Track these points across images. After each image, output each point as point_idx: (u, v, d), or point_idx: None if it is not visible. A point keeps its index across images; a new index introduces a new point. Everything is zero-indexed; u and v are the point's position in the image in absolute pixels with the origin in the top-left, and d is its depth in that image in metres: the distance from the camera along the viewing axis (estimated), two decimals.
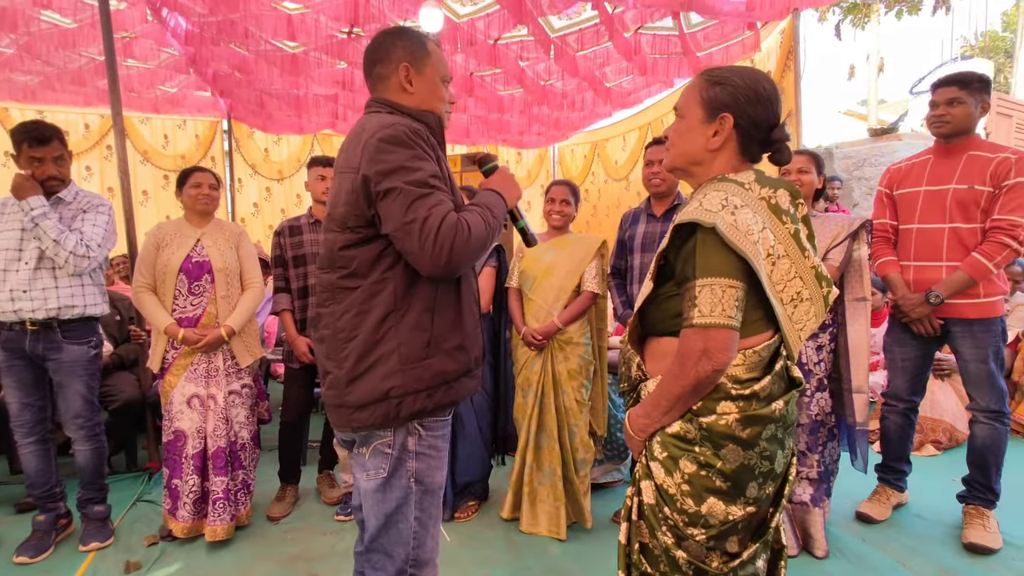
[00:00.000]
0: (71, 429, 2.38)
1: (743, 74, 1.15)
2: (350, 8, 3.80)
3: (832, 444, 2.40)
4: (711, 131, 1.15)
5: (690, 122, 1.17)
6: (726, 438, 1.09)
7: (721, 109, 1.13)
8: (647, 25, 4.32)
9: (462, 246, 1.18)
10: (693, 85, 1.19)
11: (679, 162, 1.22)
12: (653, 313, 1.20)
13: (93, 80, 4.95)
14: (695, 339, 1.05)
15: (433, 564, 1.37)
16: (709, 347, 1.04)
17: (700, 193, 1.14)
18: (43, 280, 2.24)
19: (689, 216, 1.07)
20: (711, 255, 1.05)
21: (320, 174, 2.82)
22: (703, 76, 1.18)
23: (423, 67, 1.36)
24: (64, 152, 2.31)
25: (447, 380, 1.29)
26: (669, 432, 1.14)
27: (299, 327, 2.79)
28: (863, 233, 2.32)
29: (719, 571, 1.11)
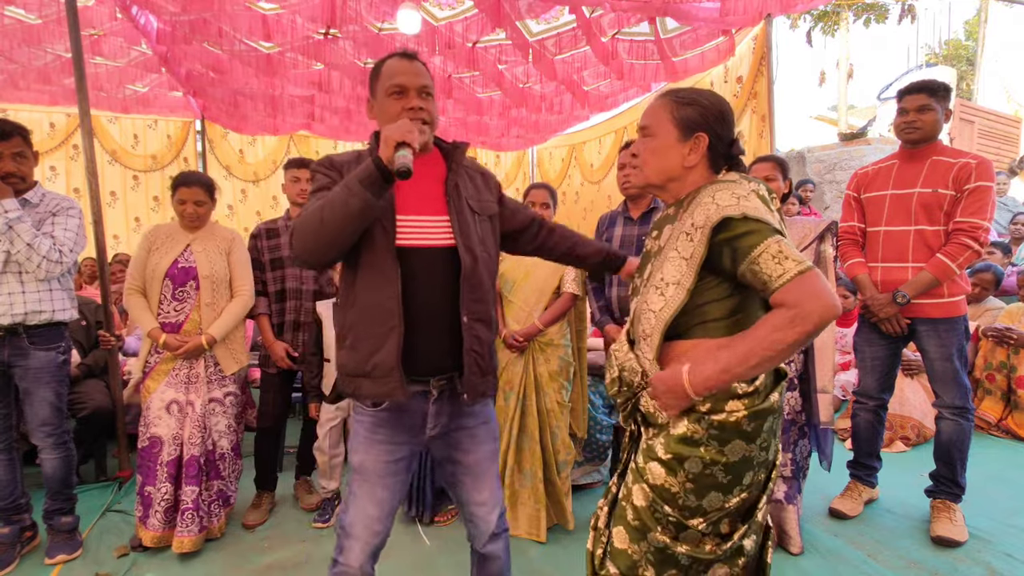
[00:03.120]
0: (38, 437, 2.30)
1: (707, 95, 1.25)
2: (327, 9, 3.76)
3: (803, 442, 2.46)
4: (687, 149, 1.23)
5: (664, 140, 1.24)
6: (735, 434, 1.13)
7: (696, 128, 1.22)
8: (624, 30, 4.37)
9: (296, 236, 1.32)
10: (662, 105, 1.25)
11: (656, 179, 1.27)
12: (678, 319, 1.18)
13: (59, 78, 4.81)
14: (807, 283, 1.02)
15: (355, 537, 1.42)
16: (820, 288, 1.02)
17: (706, 197, 1.15)
18: (9, 285, 2.16)
19: (720, 214, 1.09)
20: (756, 231, 1.08)
21: (295, 176, 2.78)
22: (671, 97, 1.25)
23: (375, 91, 1.45)
24: (26, 150, 2.23)
25: (345, 373, 1.43)
26: (675, 434, 1.16)
27: (276, 331, 2.75)
28: (829, 236, 2.38)
29: (712, 554, 1.16)
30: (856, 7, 10.35)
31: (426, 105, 1.42)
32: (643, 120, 1.27)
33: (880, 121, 9.80)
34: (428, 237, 1.41)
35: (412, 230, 1.40)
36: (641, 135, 1.28)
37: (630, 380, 1.24)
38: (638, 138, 1.30)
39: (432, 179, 1.46)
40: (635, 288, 1.34)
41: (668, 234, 1.24)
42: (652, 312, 1.19)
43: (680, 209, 1.24)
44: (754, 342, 1.05)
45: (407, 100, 1.40)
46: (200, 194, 2.47)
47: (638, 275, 1.34)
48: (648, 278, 1.25)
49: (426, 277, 1.39)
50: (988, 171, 2.32)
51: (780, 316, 1.04)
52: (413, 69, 1.42)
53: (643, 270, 1.31)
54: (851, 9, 10.32)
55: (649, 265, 1.28)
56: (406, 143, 1.23)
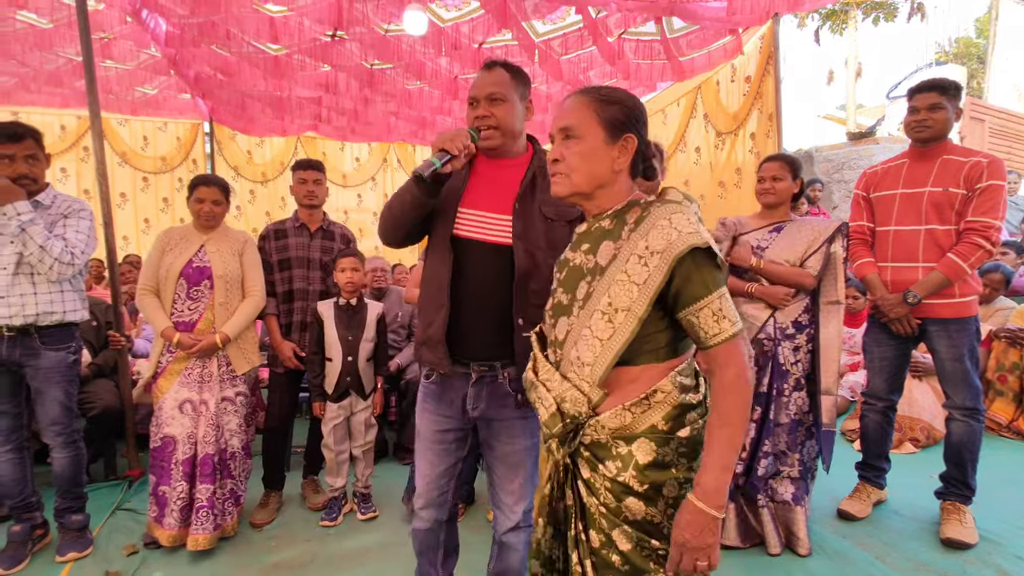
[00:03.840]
0: (49, 436, 2.32)
1: (626, 93, 1.17)
2: (334, 11, 3.78)
3: (811, 443, 2.44)
4: (615, 152, 1.15)
5: (592, 143, 1.14)
6: (699, 445, 1.12)
7: (624, 130, 1.15)
8: (630, 30, 4.36)
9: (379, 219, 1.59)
10: (584, 104, 1.15)
11: (586, 186, 1.15)
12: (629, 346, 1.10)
13: (70, 81, 4.86)
14: (738, 347, 1.05)
15: (419, 493, 1.64)
16: (744, 353, 1.06)
17: (660, 219, 1.07)
18: (21, 286, 2.19)
19: (686, 242, 1.04)
20: (713, 269, 1.06)
21: (302, 177, 2.80)
22: (591, 95, 1.16)
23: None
24: (38, 152, 2.26)
25: (417, 341, 1.61)
26: (644, 462, 1.08)
27: (284, 331, 2.76)
28: (840, 236, 2.36)
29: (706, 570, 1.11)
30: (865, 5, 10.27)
31: (494, 111, 1.50)
32: (565, 120, 1.15)
33: (889, 120, 9.72)
34: (486, 232, 1.51)
35: (471, 223, 1.53)
36: (562, 137, 1.16)
37: (575, 412, 1.12)
38: (557, 141, 1.17)
39: (511, 179, 1.54)
40: (560, 305, 1.19)
41: (611, 252, 1.12)
42: (599, 340, 1.09)
43: (622, 225, 1.13)
44: (728, 422, 1.05)
45: (475, 110, 1.53)
46: (217, 194, 2.50)
47: (563, 290, 1.19)
48: (586, 299, 1.13)
49: (477, 269, 1.50)
50: (1000, 170, 2.30)
51: (734, 382, 1.05)
52: (484, 80, 1.53)
53: (573, 287, 1.17)
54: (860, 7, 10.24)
55: (584, 284, 1.14)
56: (444, 149, 1.41)
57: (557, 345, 1.17)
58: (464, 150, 1.43)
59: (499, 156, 1.57)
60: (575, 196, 1.18)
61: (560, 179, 1.16)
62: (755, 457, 2.36)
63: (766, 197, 2.45)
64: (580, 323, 1.12)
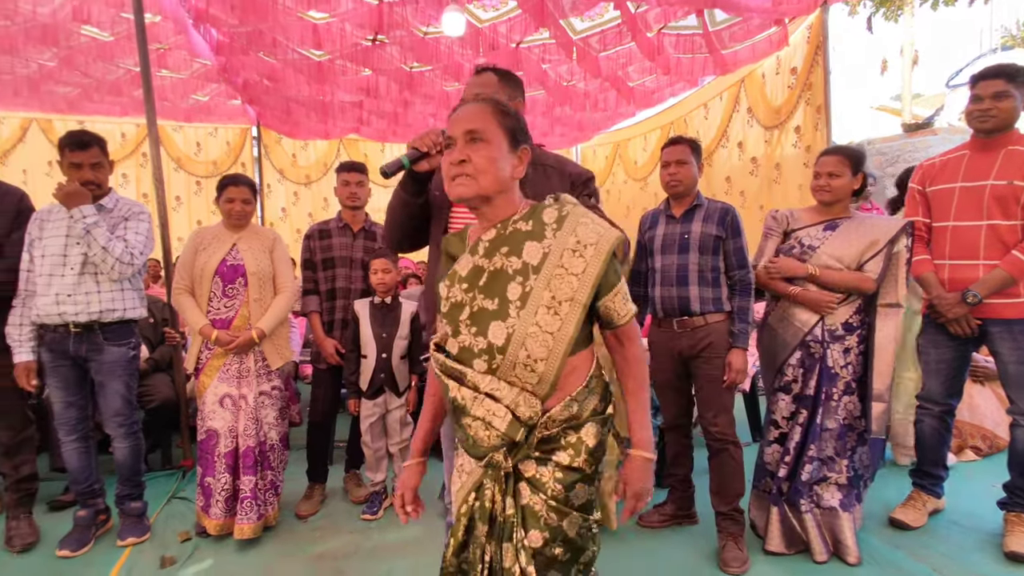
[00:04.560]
0: (111, 427, 2.47)
1: (517, 111, 1.25)
2: (374, 16, 3.86)
3: (863, 449, 2.35)
4: (515, 160, 1.21)
5: (500, 149, 1.17)
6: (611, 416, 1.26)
7: (521, 141, 1.22)
8: (670, 24, 4.28)
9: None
10: (488, 111, 1.19)
11: (491, 189, 1.16)
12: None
13: (129, 90, 5.13)
14: (636, 324, 1.26)
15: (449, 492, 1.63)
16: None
17: (581, 217, 1.17)
18: (86, 285, 2.33)
19: (615, 234, 1.16)
20: (617, 261, 1.21)
21: (345, 179, 2.86)
22: (492, 105, 1.21)
23: None
24: (103, 160, 2.40)
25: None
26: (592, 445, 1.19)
27: (327, 329, 2.85)
28: (903, 236, 2.25)
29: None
30: None
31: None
32: (470, 123, 1.17)
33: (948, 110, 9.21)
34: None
35: (463, 220, 1.57)
36: (468, 139, 1.16)
37: (531, 414, 1.13)
38: (460, 143, 1.17)
39: None
40: (484, 312, 1.15)
41: (540, 251, 1.14)
42: (549, 334, 1.12)
43: (541, 226, 1.16)
44: (647, 390, 1.29)
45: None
46: (247, 193, 2.58)
47: (484, 296, 1.16)
48: (525, 298, 1.12)
49: None
50: None
51: (642, 352, 1.28)
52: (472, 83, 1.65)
53: (499, 290, 1.15)
54: None
55: (516, 285, 1.13)
56: (415, 147, 1.49)
57: (495, 351, 1.13)
58: (435, 147, 1.48)
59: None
60: (477, 199, 1.18)
61: (466, 180, 1.16)
62: (799, 462, 2.29)
63: (821, 195, 2.34)
64: (524, 322, 1.12)
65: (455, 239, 1.30)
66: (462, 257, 1.22)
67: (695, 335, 2.32)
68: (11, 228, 2.37)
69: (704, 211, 2.37)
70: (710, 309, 2.31)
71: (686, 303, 2.32)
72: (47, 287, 2.29)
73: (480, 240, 1.21)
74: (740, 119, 5.45)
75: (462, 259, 1.22)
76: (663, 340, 2.42)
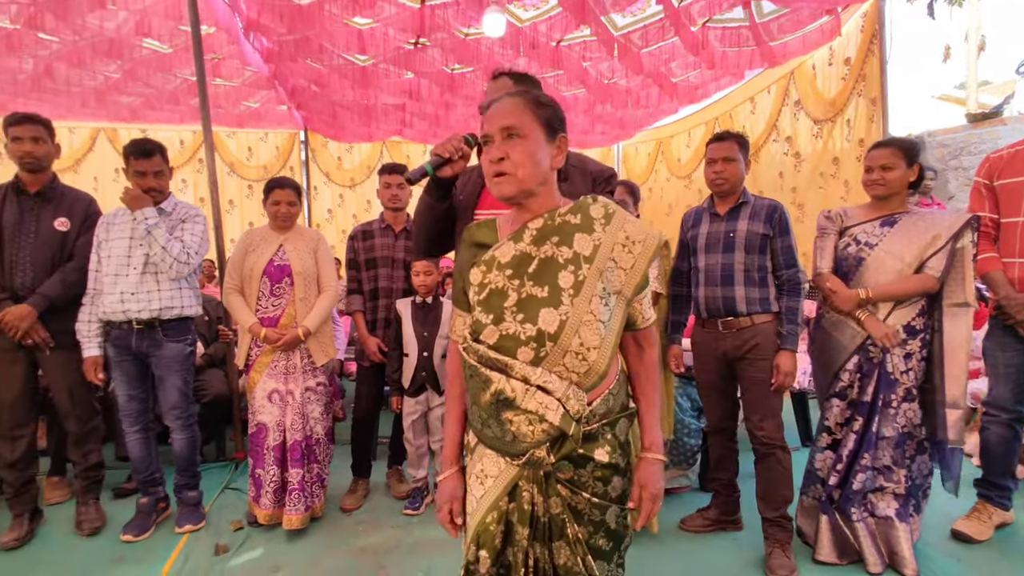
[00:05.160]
0: (169, 419, 2.60)
1: (551, 98, 1.24)
2: (416, 19, 3.92)
3: (922, 457, 2.23)
4: (554, 150, 1.20)
5: (536, 142, 1.16)
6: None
7: (558, 129, 1.21)
8: (715, 17, 4.17)
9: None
10: (522, 104, 1.18)
11: (532, 183, 1.16)
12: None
13: (187, 99, 5.38)
14: (656, 329, 1.30)
15: None
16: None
17: (626, 216, 1.20)
18: (148, 284, 2.47)
19: (660, 236, 1.20)
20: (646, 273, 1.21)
21: (387, 181, 2.92)
22: (526, 97, 1.20)
23: None
24: (164, 168, 2.55)
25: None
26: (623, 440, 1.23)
27: (370, 327, 2.91)
28: (969, 231, 2.13)
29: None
30: None
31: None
32: (506, 120, 1.16)
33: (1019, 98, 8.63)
34: None
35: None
36: (504, 136, 1.16)
37: (579, 408, 1.13)
38: (499, 140, 1.16)
39: None
40: (534, 299, 1.14)
41: (591, 243, 1.15)
42: (601, 323, 1.12)
43: (590, 220, 1.18)
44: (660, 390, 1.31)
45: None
46: (292, 195, 2.67)
47: (534, 283, 1.15)
48: (578, 287, 1.12)
49: None
50: None
51: (658, 357, 1.31)
52: (489, 89, 1.68)
53: (550, 278, 1.14)
54: None
55: (568, 273, 1.13)
56: (438, 154, 1.51)
57: (546, 339, 1.12)
58: (457, 152, 1.51)
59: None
60: (521, 194, 1.18)
61: (507, 179, 1.16)
62: (851, 470, 2.19)
63: (874, 189, 2.24)
64: (578, 310, 1.12)
65: (483, 228, 1.28)
66: (502, 244, 1.20)
67: (741, 336, 2.26)
68: (80, 231, 2.53)
69: (750, 208, 2.30)
70: (757, 310, 2.25)
71: (731, 303, 2.26)
72: (112, 286, 2.44)
73: (526, 227, 1.19)
74: (789, 112, 5.27)
75: (502, 246, 1.20)
76: (707, 341, 2.36)
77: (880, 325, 2.15)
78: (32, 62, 4.51)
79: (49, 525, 2.67)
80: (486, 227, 1.28)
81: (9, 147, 2.43)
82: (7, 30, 3.98)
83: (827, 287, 2.28)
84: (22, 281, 2.41)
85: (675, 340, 2.51)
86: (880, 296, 2.17)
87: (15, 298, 2.39)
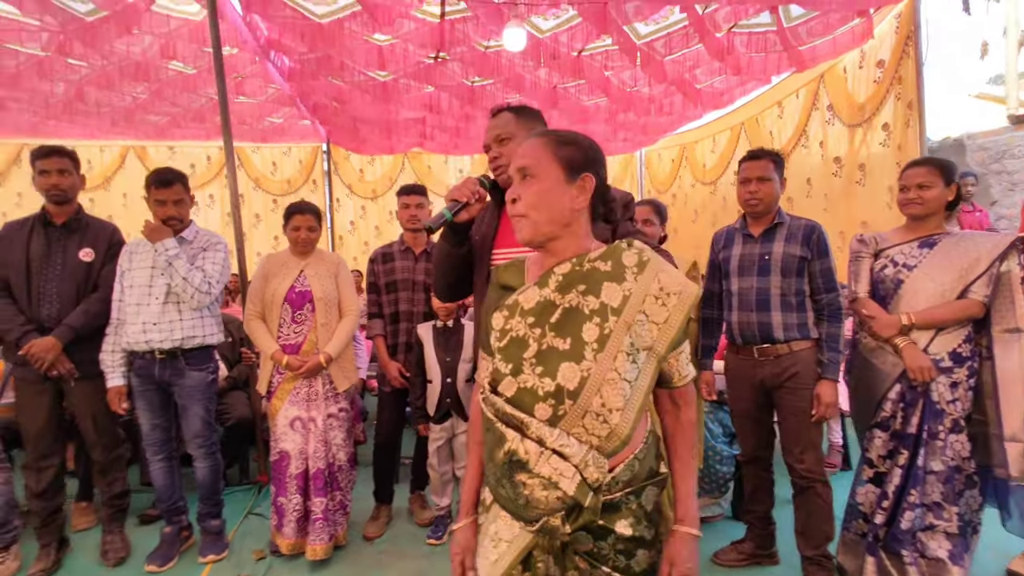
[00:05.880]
0: (192, 448, 2.60)
1: (582, 136, 1.18)
2: (436, 34, 3.89)
3: (971, 492, 2.09)
4: (574, 191, 1.12)
5: (550, 183, 1.11)
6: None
7: (582, 169, 1.13)
8: (741, 23, 4.05)
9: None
10: (540, 145, 1.14)
11: (547, 226, 1.12)
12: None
13: (212, 117, 5.45)
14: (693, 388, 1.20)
15: None
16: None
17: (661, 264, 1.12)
18: (170, 313, 2.47)
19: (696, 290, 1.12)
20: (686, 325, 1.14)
21: (405, 202, 2.88)
22: (548, 137, 1.15)
23: None
24: (185, 196, 2.54)
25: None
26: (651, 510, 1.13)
27: (391, 352, 2.87)
28: (1015, 253, 1.99)
29: None
30: None
31: (502, 150, 1.57)
32: (520, 161, 1.13)
33: None
34: None
35: (505, 259, 1.51)
36: (520, 177, 1.13)
37: (599, 475, 1.04)
38: (516, 182, 1.14)
39: None
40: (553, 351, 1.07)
41: (620, 293, 1.07)
42: (627, 382, 1.04)
43: (621, 268, 1.10)
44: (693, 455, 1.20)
45: (488, 155, 1.61)
46: (312, 220, 2.65)
47: (555, 334, 1.08)
48: (603, 341, 1.04)
49: None
50: None
51: (695, 418, 1.20)
52: (491, 125, 1.62)
53: (572, 330, 1.06)
54: None
55: (593, 326, 1.05)
56: (455, 199, 1.48)
57: (565, 396, 1.04)
58: (473, 195, 1.48)
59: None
60: (539, 237, 1.13)
61: (523, 222, 1.12)
62: (899, 507, 2.06)
63: (911, 208, 2.12)
64: (601, 366, 1.04)
65: (511, 269, 1.23)
66: (527, 288, 1.14)
67: (779, 364, 2.15)
68: (104, 261, 2.55)
69: (786, 229, 2.20)
70: (795, 336, 2.14)
71: (768, 330, 2.16)
72: (135, 316, 2.44)
73: (552, 272, 1.13)
74: (819, 117, 5.10)
75: (527, 291, 1.14)
76: (742, 368, 2.26)
77: (918, 356, 2.03)
78: (63, 86, 4.62)
79: (76, 553, 2.69)
80: (514, 268, 1.23)
81: (36, 180, 2.45)
82: (38, 57, 4.08)
83: (865, 313, 2.15)
84: (48, 313, 2.43)
85: (706, 365, 2.41)
86: (923, 322, 2.04)
87: (41, 329, 2.41)
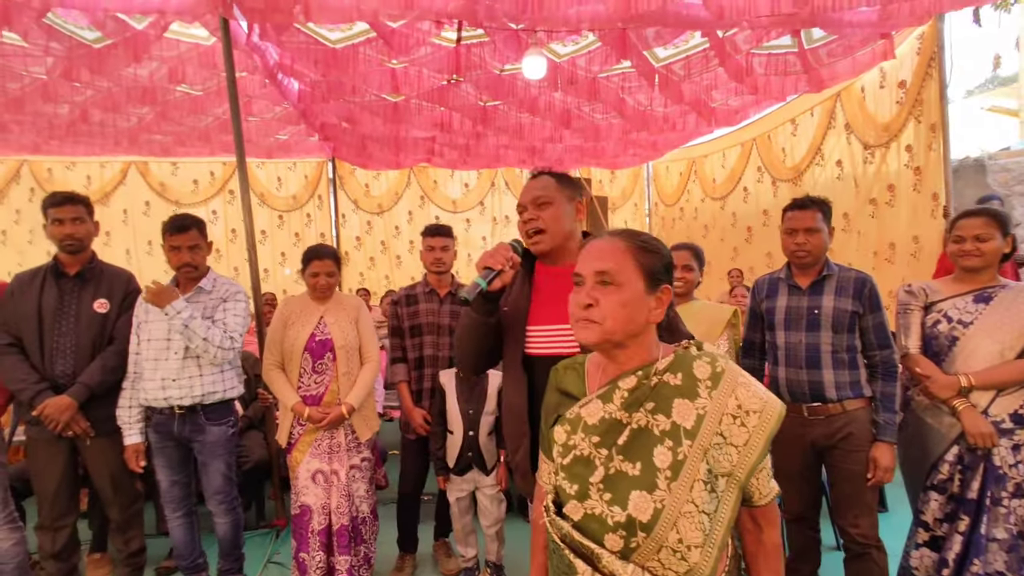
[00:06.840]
0: (212, 504, 2.50)
1: (659, 241, 1.13)
2: (451, 59, 3.79)
3: None
4: (652, 303, 1.07)
5: (633, 292, 1.04)
6: None
7: (661, 280, 1.08)
8: (762, 45, 3.97)
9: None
10: (623, 250, 1.06)
11: (619, 336, 1.04)
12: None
13: (218, 134, 5.33)
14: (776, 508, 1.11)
15: None
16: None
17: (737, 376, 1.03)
18: (189, 369, 2.36)
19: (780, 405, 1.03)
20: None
21: (430, 244, 2.77)
22: (632, 242, 1.08)
23: None
24: (201, 242, 2.43)
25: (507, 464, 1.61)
26: None
27: (415, 398, 2.77)
28: None
29: None
30: None
31: (540, 214, 1.52)
32: (600, 264, 1.05)
33: None
34: (557, 345, 1.47)
35: (541, 338, 1.51)
36: (597, 280, 1.05)
37: None
38: (589, 283, 1.06)
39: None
40: (623, 476, 0.99)
41: (693, 412, 0.99)
42: (706, 515, 0.95)
43: (694, 381, 1.02)
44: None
45: (522, 216, 1.55)
46: (331, 266, 2.55)
47: (623, 458, 1.00)
48: (677, 468, 0.96)
49: None
50: None
51: (779, 540, 1.11)
52: (529, 186, 1.57)
53: (643, 453, 0.99)
54: None
55: (666, 449, 0.98)
56: (488, 267, 1.42)
57: (637, 528, 0.96)
58: (507, 262, 1.43)
59: (557, 262, 1.55)
60: (606, 345, 1.06)
61: (591, 326, 1.04)
62: None
63: (969, 260, 2.03)
64: (677, 498, 0.96)
65: (571, 374, 1.16)
66: (589, 402, 1.07)
67: (831, 424, 2.07)
68: (120, 311, 2.44)
69: (835, 282, 2.11)
70: (848, 395, 2.05)
71: (819, 388, 2.07)
72: (153, 371, 2.34)
73: (617, 387, 1.05)
74: (836, 136, 5.03)
75: (589, 404, 1.06)
76: (791, 428, 2.12)
77: (979, 421, 1.94)
78: (67, 107, 4.50)
79: None
80: (573, 373, 1.16)
81: (49, 229, 2.35)
82: (43, 80, 3.96)
83: (919, 371, 2.07)
84: (63, 368, 2.32)
85: None
86: (984, 383, 1.96)
87: (55, 387, 2.30)
